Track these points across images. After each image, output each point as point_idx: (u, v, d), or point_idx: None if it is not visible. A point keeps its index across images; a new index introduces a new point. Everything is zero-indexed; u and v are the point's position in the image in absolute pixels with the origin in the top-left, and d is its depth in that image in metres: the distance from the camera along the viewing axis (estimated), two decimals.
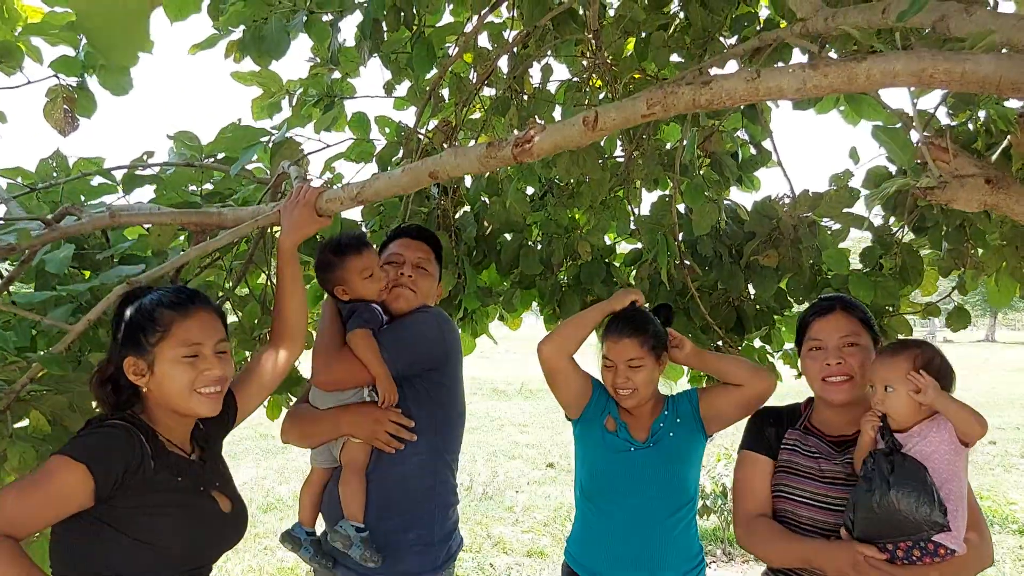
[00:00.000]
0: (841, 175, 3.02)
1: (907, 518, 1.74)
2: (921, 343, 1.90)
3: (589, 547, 2.33)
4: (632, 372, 2.26)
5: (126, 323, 1.65)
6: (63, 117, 2.44)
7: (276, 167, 2.33)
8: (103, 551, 1.53)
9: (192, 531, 1.63)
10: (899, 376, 1.83)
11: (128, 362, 1.63)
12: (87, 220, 1.87)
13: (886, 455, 1.81)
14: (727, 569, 5.79)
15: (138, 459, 1.55)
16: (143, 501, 1.55)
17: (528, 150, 1.61)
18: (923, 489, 1.74)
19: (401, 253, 2.35)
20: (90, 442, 1.53)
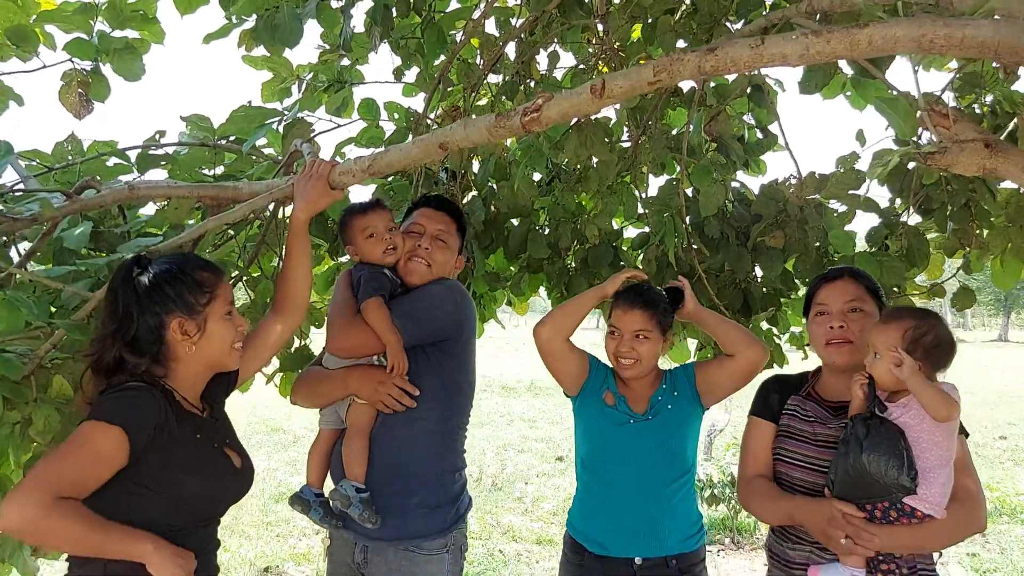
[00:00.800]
0: (847, 157, 3.05)
1: (876, 481, 1.79)
2: (920, 313, 1.92)
3: (590, 517, 2.38)
4: (637, 343, 2.30)
5: (170, 286, 1.69)
6: (78, 101, 2.49)
7: (288, 146, 2.37)
8: (130, 504, 1.59)
9: (211, 484, 1.72)
10: (887, 345, 1.86)
11: (176, 324, 1.69)
12: (107, 192, 1.92)
13: (864, 420, 1.86)
14: (735, 556, 5.81)
15: (163, 417, 1.61)
16: (168, 458, 1.62)
17: (536, 119, 1.65)
18: (894, 453, 1.78)
19: (422, 224, 2.36)
20: (120, 404, 1.59)
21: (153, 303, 1.68)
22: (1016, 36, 1.43)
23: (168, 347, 1.71)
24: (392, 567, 2.16)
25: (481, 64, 3.26)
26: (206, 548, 1.77)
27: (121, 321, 1.68)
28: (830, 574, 1.90)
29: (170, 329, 1.69)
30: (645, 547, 2.28)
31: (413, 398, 2.19)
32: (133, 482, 1.59)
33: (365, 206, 2.28)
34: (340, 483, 2.18)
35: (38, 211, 1.80)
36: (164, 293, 1.69)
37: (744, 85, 3.14)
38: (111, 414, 1.56)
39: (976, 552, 5.88)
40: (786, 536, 2.04)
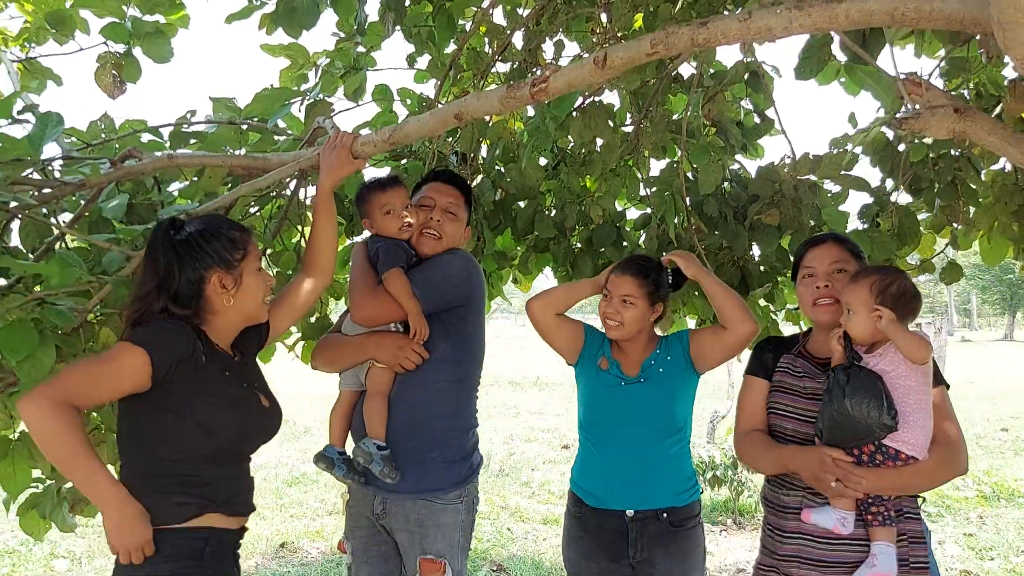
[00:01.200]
0: (840, 139, 3.20)
1: (860, 422, 1.93)
2: (884, 269, 2.09)
3: (588, 472, 2.53)
4: (623, 307, 2.46)
5: (208, 244, 1.83)
6: (112, 82, 2.65)
7: (311, 123, 2.53)
8: (164, 433, 1.75)
9: (240, 419, 1.86)
10: (858, 300, 2.01)
11: (215, 278, 1.83)
12: (148, 161, 2.07)
13: (844, 369, 2.00)
14: (738, 536, 5.96)
15: (191, 350, 1.75)
16: (197, 389, 1.77)
17: (544, 89, 1.80)
18: (874, 395, 1.93)
19: (432, 197, 2.50)
20: (150, 332, 1.74)
21: (193, 259, 1.81)
22: (979, 9, 1.57)
23: (207, 300, 1.84)
24: (410, 516, 2.31)
25: (490, 52, 3.41)
26: (239, 483, 1.91)
27: (164, 278, 1.80)
28: (821, 517, 2.03)
29: (210, 283, 1.82)
30: (636, 500, 2.42)
31: (429, 361, 2.35)
32: (162, 408, 1.74)
33: (384, 183, 2.42)
34: (362, 441, 2.32)
35: (87, 176, 1.96)
36: (203, 250, 1.82)
37: (742, 71, 3.29)
38: (141, 338, 1.71)
39: (973, 532, 6.01)
40: (780, 484, 2.18)
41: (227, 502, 1.84)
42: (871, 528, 1.99)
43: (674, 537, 2.43)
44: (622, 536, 2.43)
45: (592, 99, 3.07)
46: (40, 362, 1.90)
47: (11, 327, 1.83)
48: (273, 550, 5.52)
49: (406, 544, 2.34)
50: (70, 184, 1.99)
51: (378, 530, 2.42)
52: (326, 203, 2.16)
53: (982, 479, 7.40)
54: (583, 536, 2.50)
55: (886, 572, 1.94)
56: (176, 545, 1.75)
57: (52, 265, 1.88)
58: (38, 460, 2.41)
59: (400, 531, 2.34)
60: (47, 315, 1.87)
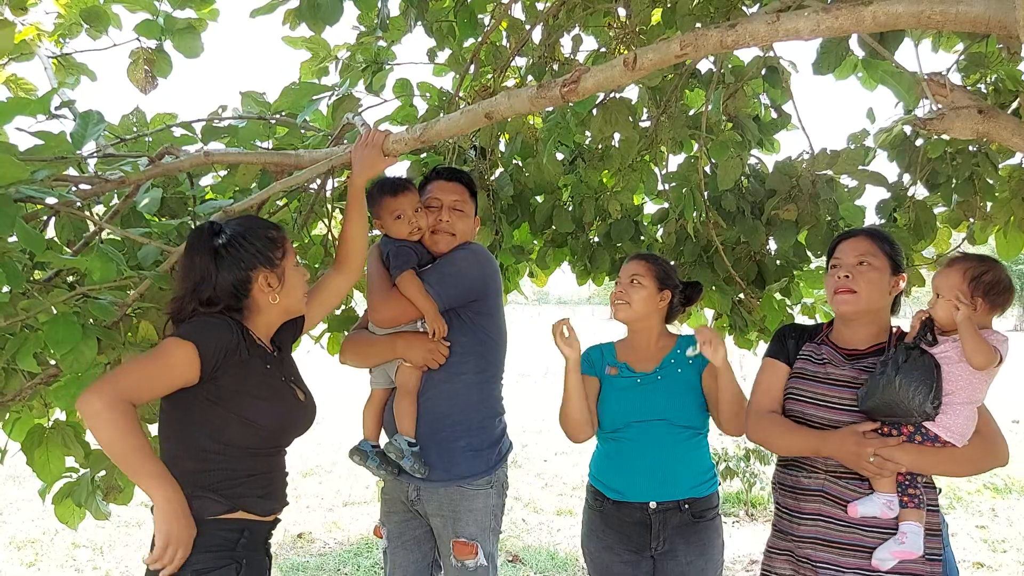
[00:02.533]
0: (858, 134, 3.22)
1: (902, 402, 1.96)
2: (980, 258, 2.09)
3: (607, 467, 2.58)
4: (631, 288, 2.54)
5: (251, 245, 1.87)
6: (144, 77, 2.70)
7: (339, 119, 2.57)
8: (209, 426, 1.79)
9: (281, 412, 1.91)
10: (948, 285, 2.03)
11: (262, 278, 1.88)
12: (185, 158, 2.12)
13: (908, 348, 2.03)
14: (749, 527, 6.00)
15: (235, 345, 1.80)
16: (242, 382, 1.82)
17: (575, 89, 1.84)
18: (925, 381, 1.96)
19: (438, 197, 2.54)
20: (197, 326, 1.79)
21: (237, 261, 1.85)
22: (1005, 12, 1.60)
23: (252, 299, 1.89)
24: (443, 502, 2.40)
25: (509, 46, 3.44)
26: (276, 477, 1.97)
27: (198, 282, 1.84)
28: (867, 507, 2.04)
29: (256, 283, 1.88)
30: (658, 492, 2.46)
31: (451, 355, 2.42)
32: (211, 401, 1.79)
33: (395, 187, 2.42)
34: (394, 437, 2.41)
35: (127, 173, 2.01)
36: (246, 251, 1.86)
37: (760, 66, 3.31)
38: (188, 334, 1.76)
39: (985, 525, 6.04)
40: (799, 466, 2.19)
41: (263, 498, 1.89)
42: (903, 510, 2.02)
43: (695, 528, 2.48)
44: (645, 528, 2.48)
45: (613, 95, 3.10)
46: (82, 355, 1.95)
47: (56, 321, 1.88)
48: (291, 540, 5.59)
49: (440, 528, 2.42)
50: (111, 181, 2.04)
51: (413, 515, 2.49)
52: (358, 200, 2.21)
53: (994, 471, 7.39)
54: (605, 529, 2.55)
55: (914, 551, 1.98)
56: (211, 536, 1.79)
57: (93, 260, 1.93)
58: (72, 449, 2.48)
59: (434, 516, 2.42)
60: (89, 309, 1.93)
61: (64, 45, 2.69)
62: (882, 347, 2.17)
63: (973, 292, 2.00)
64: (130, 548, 5.48)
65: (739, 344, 3.84)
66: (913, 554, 1.98)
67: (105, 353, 2.06)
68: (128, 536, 5.71)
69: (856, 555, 2.07)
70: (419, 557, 2.53)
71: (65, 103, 2.41)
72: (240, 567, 1.81)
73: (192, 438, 1.80)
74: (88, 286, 1.97)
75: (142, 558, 1.82)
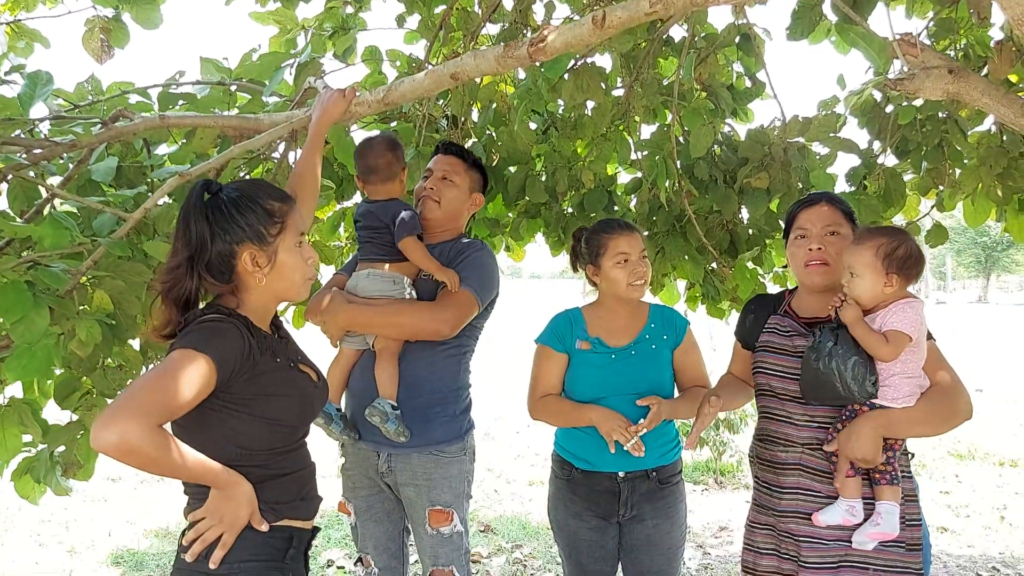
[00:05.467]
0: (828, 100, 3.21)
1: (839, 386, 1.97)
2: (890, 231, 2.07)
3: (578, 438, 2.55)
4: (643, 264, 2.52)
5: (241, 215, 1.67)
6: (99, 46, 2.60)
7: (301, 84, 2.50)
8: (233, 432, 1.65)
9: (299, 403, 1.76)
10: (862, 263, 2.01)
11: (247, 254, 1.67)
12: (139, 121, 2.05)
13: (832, 329, 2.02)
14: (718, 495, 6.08)
15: (247, 346, 1.63)
16: (257, 384, 1.66)
17: (542, 48, 1.79)
18: (858, 361, 1.95)
19: (431, 168, 2.62)
20: (206, 334, 1.60)
21: (224, 231, 1.66)
22: None
23: (239, 277, 1.70)
24: (417, 470, 2.39)
25: (480, 12, 3.37)
26: (308, 471, 1.83)
27: (196, 249, 1.66)
28: (830, 515, 2.04)
29: (241, 259, 1.68)
30: (627, 463, 2.46)
31: None
32: (229, 409, 1.64)
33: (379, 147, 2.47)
34: (377, 401, 2.36)
35: (78, 136, 1.93)
36: (235, 222, 1.66)
37: (733, 34, 3.28)
38: (198, 343, 1.57)
39: (949, 490, 6.17)
40: (775, 441, 2.20)
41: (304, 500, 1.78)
42: (877, 487, 2.02)
43: (661, 493, 2.51)
44: (613, 496, 2.49)
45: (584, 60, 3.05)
46: (34, 324, 1.89)
47: (5, 289, 1.81)
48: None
49: (413, 497, 2.41)
50: (61, 144, 1.96)
51: (380, 488, 2.48)
52: (317, 138, 2.12)
53: (957, 439, 7.56)
54: (573, 498, 2.55)
55: (890, 532, 1.98)
56: (261, 545, 1.67)
57: (44, 227, 1.86)
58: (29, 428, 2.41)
59: (407, 485, 2.41)
60: (41, 277, 1.86)
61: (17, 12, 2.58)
62: None
63: (887, 269, 1.99)
64: (96, 523, 5.42)
65: (711, 313, 3.84)
66: (890, 535, 1.99)
67: (59, 323, 1.99)
68: (94, 511, 5.64)
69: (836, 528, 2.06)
70: (389, 527, 2.53)
71: (15, 68, 2.31)
72: None
73: (216, 451, 1.63)
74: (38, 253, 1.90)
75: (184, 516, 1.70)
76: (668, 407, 2.42)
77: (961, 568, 4.56)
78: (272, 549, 1.68)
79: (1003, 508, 5.72)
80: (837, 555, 2.06)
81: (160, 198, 1.96)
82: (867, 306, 2.04)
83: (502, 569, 4.55)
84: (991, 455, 7.22)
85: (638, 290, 2.52)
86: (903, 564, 2.03)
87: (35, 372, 1.91)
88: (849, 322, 1.99)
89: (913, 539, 2.04)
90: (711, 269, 3.67)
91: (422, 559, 2.47)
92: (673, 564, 2.57)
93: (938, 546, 4.93)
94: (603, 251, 2.53)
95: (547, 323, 2.65)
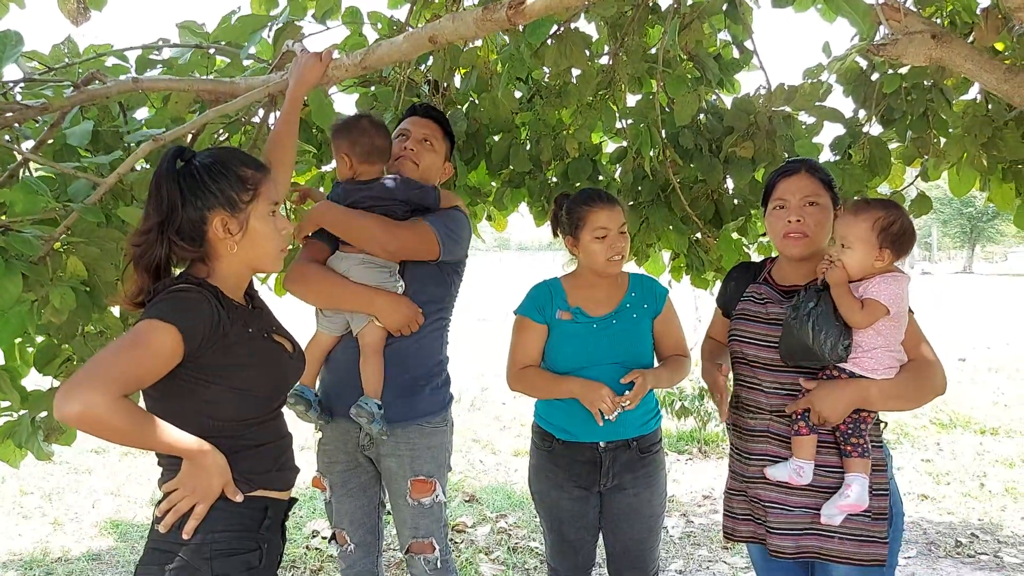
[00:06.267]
0: (813, 68, 3.19)
1: (814, 348, 1.99)
2: (886, 204, 2.07)
3: (559, 409, 2.54)
4: (622, 239, 2.49)
5: (213, 181, 1.65)
6: (76, 7, 2.54)
7: (280, 47, 2.46)
8: (204, 399, 1.63)
9: (272, 374, 1.74)
10: (856, 235, 2.01)
11: (218, 220, 1.65)
12: (112, 84, 2.00)
13: (817, 291, 2.04)
14: (702, 464, 6.14)
15: (216, 316, 1.61)
16: (228, 355, 1.64)
17: (521, 11, 1.76)
18: (835, 324, 1.98)
19: (408, 128, 2.55)
20: (174, 304, 1.58)
21: (195, 197, 1.64)
22: None
23: (210, 244, 1.68)
24: (400, 441, 2.37)
25: None
26: (284, 441, 1.83)
27: (167, 213, 1.64)
28: (778, 471, 2.08)
29: (212, 225, 1.65)
30: (609, 433, 2.45)
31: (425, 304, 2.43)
32: (199, 380, 1.62)
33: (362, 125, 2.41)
34: (363, 400, 2.32)
35: (50, 99, 1.89)
36: (207, 187, 1.64)
37: (720, 1, 3.24)
38: (166, 314, 1.55)
39: (931, 459, 6.25)
40: (745, 408, 2.23)
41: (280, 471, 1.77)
42: (848, 459, 2.03)
43: (642, 462, 2.51)
44: (594, 466, 2.49)
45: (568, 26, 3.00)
46: (6, 291, 1.86)
47: None
48: None
49: (395, 469, 2.39)
50: (32, 108, 1.92)
51: (358, 463, 2.46)
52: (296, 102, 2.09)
53: (939, 408, 7.64)
54: (554, 468, 2.55)
55: (858, 504, 2.00)
56: (235, 515, 1.66)
57: (16, 192, 1.83)
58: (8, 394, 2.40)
59: (389, 456, 2.39)
60: (12, 243, 1.83)
61: None
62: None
63: (881, 244, 2.00)
64: (79, 495, 5.42)
65: (695, 283, 3.85)
66: (859, 507, 2.01)
67: (33, 290, 1.96)
68: (77, 483, 5.64)
69: (802, 494, 2.09)
70: (364, 503, 2.50)
71: None
72: (262, 553, 1.70)
73: (189, 422, 1.61)
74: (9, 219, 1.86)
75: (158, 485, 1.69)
76: (652, 377, 2.43)
77: (941, 535, 4.63)
78: (247, 520, 1.67)
79: (983, 476, 5.80)
80: (802, 522, 2.09)
81: (134, 163, 1.93)
82: (854, 278, 2.04)
83: (487, 538, 4.59)
84: (972, 424, 7.31)
85: (616, 265, 2.49)
86: (868, 533, 2.05)
87: (8, 338, 1.89)
88: (832, 283, 2.00)
89: (879, 508, 2.06)
90: (695, 239, 3.66)
91: (400, 532, 2.45)
92: (654, 533, 2.58)
93: (919, 513, 5.01)
94: (583, 223, 2.49)
95: (526, 294, 2.63)
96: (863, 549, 2.05)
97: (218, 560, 1.61)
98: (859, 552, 2.05)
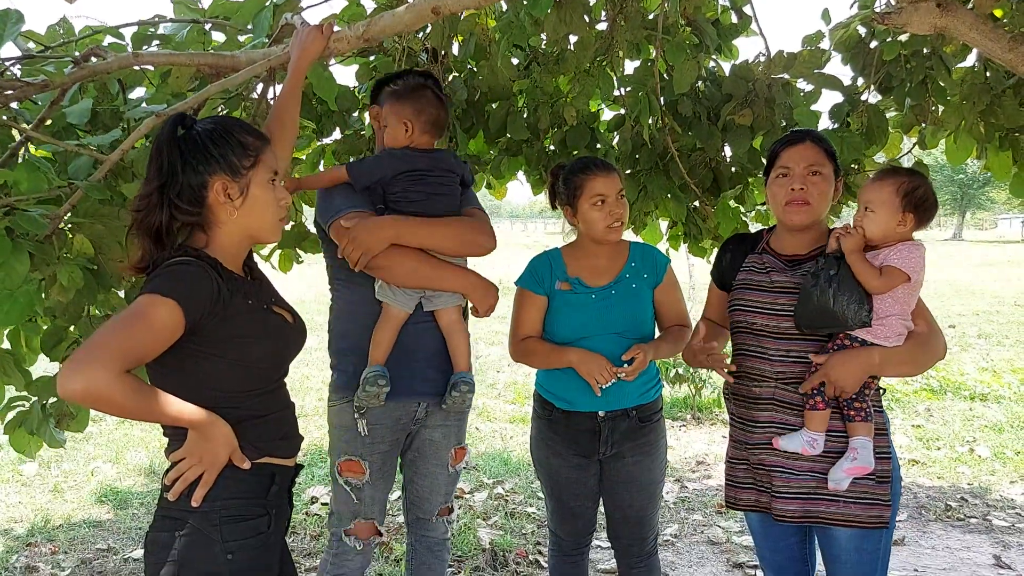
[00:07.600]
0: (813, 36, 3.17)
1: (836, 312, 2.01)
2: (910, 172, 2.10)
3: (557, 378, 2.56)
4: (621, 204, 2.49)
5: (215, 145, 1.65)
6: None
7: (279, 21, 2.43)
8: (206, 371, 1.65)
9: (272, 345, 1.75)
10: (881, 200, 2.04)
11: (219, 184, 1.66)
12: (112, 59, 1.98)
13: (837, 258, 2.05)
14: (696, 430, 6.22)
15: (216, 288, 1.61)
16: (228, 327, 1.64)
17: None
18: (857, 289, 2.00)
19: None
20: (173, 278, 1.58)
21: (197, 162, 1.65)
22: None
23: (210, 209, 1.68)
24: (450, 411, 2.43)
25: None
26: (288, 411, 1.85)
27: (168, 177, 1.64)
28: (790, 442, 2.11)
29: (212, 190, 1.66)
30: (608, 403, 2.48)
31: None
32: (201, 352, 1.63)
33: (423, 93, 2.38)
34: (465, 375, 2.36)
35: (50, 76, 1.87)
36: (209, 152, 1.65)
37: None
38: (165, 288, 1.55)
39: (920, 424, 6.35)
40: (749, 376, 2.24)
41: (284, 439, 1.79)
42: (851, 424, 2.07)
43: (642, 430, 2.54)
44: (594, 435, 2.52)
45: None
46: (13, 270, 1.85)
47: None
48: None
49: (439, 439, 2.45)
50: (32, 85, 1.90)
51: (398, 443, 2.43)
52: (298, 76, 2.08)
53: (930, 373, 7.74)
54: (554, 437, 2.58)
55: (865, 466, 2.04)
56: (243, 481, 1.68)
57: (19, 171, 1.82)
58: (12, 377, 2.40)
59: (436, 428, 2.43)
60: (19, 222, 1.82)
61: None
62: (822, 250, 2.19)
63: (904, 208, 2.03)
64: (77, 463, 5.46)
65: (693, 252, 3.87)
66: (865, 469, 2.05)
67: (40, 269, 1.96)
68: (75, 450, 5.67)
69: (808, 458, 2.12)
70: (387, 488, 2.46)
71: None
72: (271, 518, 1.72)
73: (193, 395, 1.63)
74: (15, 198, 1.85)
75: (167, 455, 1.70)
76: (652, 350, 2.45)
77: (931, 499, 4.73)
78: (254, 486, 1.70)
79: (972, 441, 5.90)
80: (808, 487, 2.13)
81: (137, 139, 1.92)
82: (876, 242, 2.07)
83: (484, 504, 4.65)
84: (962, 389, 7.41)
85: (615, 232, 2.50)
86: (873, 496, 2.10)
87: (17, 318, 1.89)
88: (847, 250, 2.02)
89: (883, 471, 2.11)
90: (693, 207, 3.67)
91: (430, 499, 2.49)
92: (653, 500, 2.62)
93: (909, 478, 5.10)
94: (580, 192, 2.49)
95: (526, 265, 2.64)
96: (869, 512, 2.09)
97: (227, 526, 1.64)
98: (866, 515, 2.10)
